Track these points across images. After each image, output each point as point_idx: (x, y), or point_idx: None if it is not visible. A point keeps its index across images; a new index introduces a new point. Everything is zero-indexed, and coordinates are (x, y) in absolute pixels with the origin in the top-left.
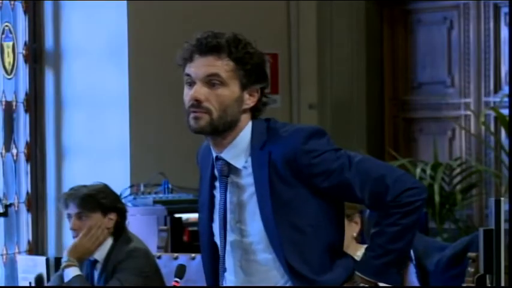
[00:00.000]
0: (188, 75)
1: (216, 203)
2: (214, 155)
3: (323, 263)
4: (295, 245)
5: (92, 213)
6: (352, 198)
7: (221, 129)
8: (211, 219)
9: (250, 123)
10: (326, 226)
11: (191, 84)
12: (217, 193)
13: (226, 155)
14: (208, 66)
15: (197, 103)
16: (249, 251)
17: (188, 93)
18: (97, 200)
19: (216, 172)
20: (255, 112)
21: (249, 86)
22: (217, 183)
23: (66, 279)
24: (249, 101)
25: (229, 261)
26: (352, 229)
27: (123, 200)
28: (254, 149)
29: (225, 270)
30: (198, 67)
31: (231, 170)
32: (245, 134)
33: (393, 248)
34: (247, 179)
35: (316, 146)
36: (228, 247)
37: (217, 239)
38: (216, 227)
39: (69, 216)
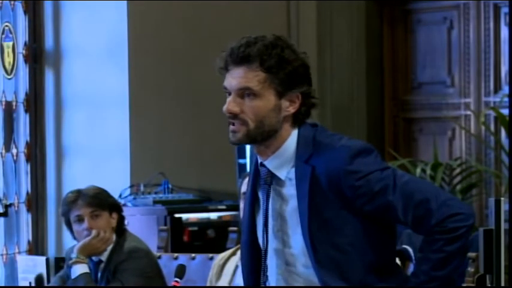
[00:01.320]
0: (225, 87)
1: (259, 206)
2: (259, 160)
3: (366, 283)
4: (334, 264)
5: (103, 211)
6: (395, 221)
7: (260, 139)
8: (252, 220)
9: (295, 132)
10: (368, 245)
11: (229, 94)
12: (260, 198)
13: (269, 164)
14: (240, 79)
15: (233, 115)
16: (290, 262)
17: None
18: (106, 199)
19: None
20: (298, 117)
21: (286, 93)
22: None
23: (73, 276)
24: (290, 107)
25: (272, 268)
26: None
27: (123, 200)
28: (299, 160)
29: (266, 278)
30: (232, 79)
31: (274, 179)
32: (290, 143)
33: (437, 275)
34: (290, 190)
35: (362, 166)
36: (270, 253)
37: (260, 243)
38: (259, 230)
39: (79, 217)
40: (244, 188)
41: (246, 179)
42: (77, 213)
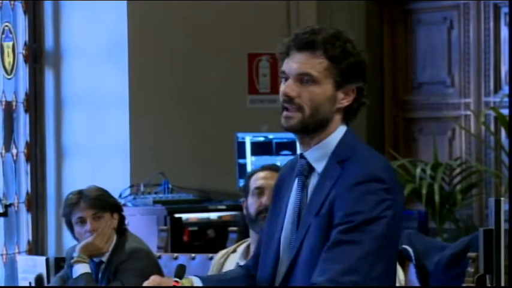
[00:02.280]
0: (283, 71)
1: (281, 199)
2: (299, 152)
3: None
4: (306, 268)
5: (105, 213)
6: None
7: (312, 128)
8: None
9: (342, 128)
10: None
11: (286, 80)
12: (293, 193)
13: (309, 155)
14: (302, 64)
15: (288, 99)
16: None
17: (281, 89)
18: (107, 200)
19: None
20: (349, 113)
21: (343, 85)
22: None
23: (74, 275)
24: (344, 100)
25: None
26: None
27: (123, 200)
28: (333, 157)
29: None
30: (292, 63)
31: (312, 172)
32: (334, 137)
33: None
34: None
35: (361, 200)
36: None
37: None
38: (286, 228)
39: (81, 219)
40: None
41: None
42: (79, 215)
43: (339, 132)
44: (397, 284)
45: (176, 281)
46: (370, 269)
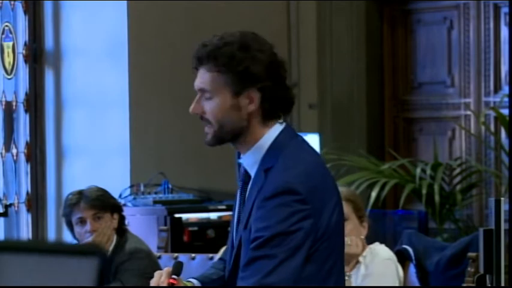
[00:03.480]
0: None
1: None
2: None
3: None
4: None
5: (105, 213)
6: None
7: (228, 139)
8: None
9: (272, 132)
10: None
11: None
12: (237, 198)
13: (244, 160)
14: (198, 80)
15: (200, 116)
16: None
17: None
18: (107, 200)
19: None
20: (268, 113)
21: (242, 91)
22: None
23: None
24: (250, 105)
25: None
26: (362, 231)
27: (123, 200)
28: (261, 165)
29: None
30: (196, 80)
31: (249, 177)
32: (266, 141)
33: None
34: None
35: (274, 212)
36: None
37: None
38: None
39: (81, 219)
40: None
41: None
42: (79, 215)
43: (271, 134)
44: (397, 284)
45: (174, 279)
46: (289, 282)
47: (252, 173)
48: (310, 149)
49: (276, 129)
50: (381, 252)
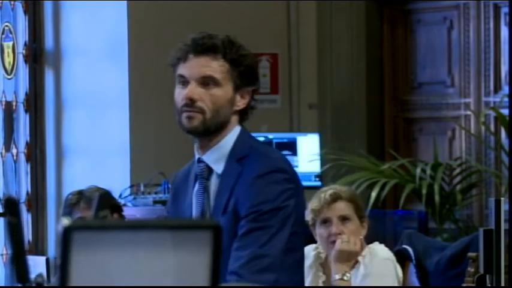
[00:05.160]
0: (182, 75)
1: (180, 203)
2: (197, 157)
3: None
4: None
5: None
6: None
7: (213, 130)
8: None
9: (237, 129)
10: None
11: (184, 83)
12: (194, 197)
13: (207, 157)
14: (204, 67)
15: (191, 102)
16: None
17: (181, 93)
18: (111, 199)
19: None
20: (243, 115)
21: (241, 88)
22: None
23: None
24: (240, 102)
25: None
26: (361, 231)
27: (123, 200)
28: (231, 157)
29: None
30: (193, 67)
31: (211, 173)
32: (230, 138)
33: None
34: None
35: (265, 190)
36: None
37: None
38: None
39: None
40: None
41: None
42: (78, 215)
43: (234, 133)
44: (396, 284)
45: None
46: (281, 251)
47: (217, 168)
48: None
49: (237, 128)
50: (380, 252)
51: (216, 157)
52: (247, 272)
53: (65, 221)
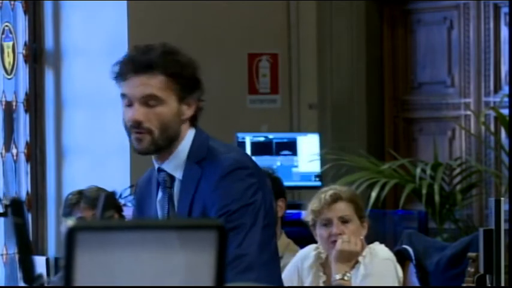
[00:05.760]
0: (124, 95)
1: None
2: (156, 166)
3: None
4: None
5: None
6: None
7: (164, 146)
8: None
9: (190, 133)
10: None
11: (128, 103)
12: (158, 206)
13: (167, 166)
14: (143, 86)
15: (137, 124)
16: None
17: (127, 113)
18: (114, 200)
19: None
20: (193, 119)
21: (186, 98)
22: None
23: None
24: (188, 111)
25: None
26: (362, 231)
27: (123, 200)
28: (190, 161)
29: None
30: (134, 87)
31: (173, 181)
32: (185, 144)
33: None
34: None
35: (230, 190)
36: None
37: None
38: None
39: (81, 219)
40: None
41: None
42: (79, 215)
43: (188, 138)
44: (396, 284)
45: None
46: (257, 247)
47: (179, 173)
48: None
49: (191, 133)
50: (380, 252)
51: (175, 164)
52: (229, 274)
53: (69, 222)
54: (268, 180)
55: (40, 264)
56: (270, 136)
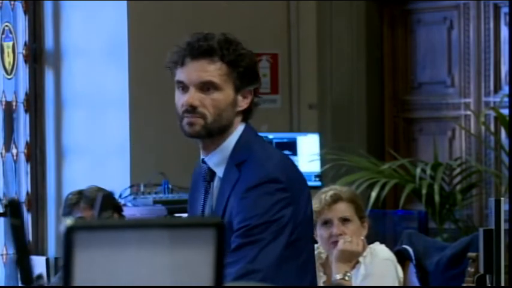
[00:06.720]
0: (180, 81)
1: (195, 204)
2: (201, 157)
3: None
4: None
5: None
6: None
7: (215, 133)
8: None
9: (240, 128)
10: None
11: (184, 89)
12: (200, 198)
13: (209, 160)
14: (202, 72)
15: (192, 108)
16: None
17: (181, 98)
18: (113, 200)
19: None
20: (247, 114)
21: (242, 88)
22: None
23: None
24: (243, 103)
25: None
26: (362, 232)
27: (123, 200)
28: (231, 161)
29: None
30: (191, 72)
31: (214, 176)
32: (232, 139)
33: None
34: None
35: (257, 205)
36: None
37: None
38: None
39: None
40: None
41: None
42: (79, 215)
43: (236, 133)
44: (397, 284)
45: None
46: (274, 263)
47: (219, 171)
48: (271, 144)
49: (240, 128)
50: (381, 252)
51: (218, 160)
52: None
53: (68, 221)
54: (307, 190)
55: (40, 264)
56: (270, 136)
